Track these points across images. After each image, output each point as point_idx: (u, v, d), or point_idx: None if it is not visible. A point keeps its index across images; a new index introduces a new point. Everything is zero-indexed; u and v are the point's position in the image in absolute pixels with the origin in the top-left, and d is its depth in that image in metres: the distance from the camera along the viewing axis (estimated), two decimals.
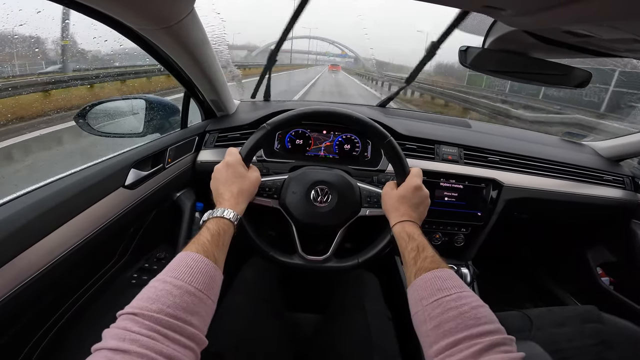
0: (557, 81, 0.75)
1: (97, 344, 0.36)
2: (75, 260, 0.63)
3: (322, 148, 1.13)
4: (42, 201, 0.59)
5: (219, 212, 0.61)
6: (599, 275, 1.36)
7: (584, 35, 0.52)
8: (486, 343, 0.41)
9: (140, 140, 0.93)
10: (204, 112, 1.15)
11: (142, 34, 0.67)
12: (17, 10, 0.70)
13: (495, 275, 1.42)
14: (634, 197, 1.24)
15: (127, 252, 0.89)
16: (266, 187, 0.79)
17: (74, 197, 0.64)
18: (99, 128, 0.96)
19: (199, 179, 1.06)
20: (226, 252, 0.58)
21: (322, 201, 0.79)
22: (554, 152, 1.23)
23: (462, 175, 1.08)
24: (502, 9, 0.48)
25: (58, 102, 3.04)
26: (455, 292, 0.49)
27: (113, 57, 2.76)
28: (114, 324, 0.39)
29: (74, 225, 0.63)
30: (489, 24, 0.69)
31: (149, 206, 0.89)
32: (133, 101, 1.06)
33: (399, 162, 0.75)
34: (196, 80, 0.93)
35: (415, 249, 0.60)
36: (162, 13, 0.60)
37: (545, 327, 0.85)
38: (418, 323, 0.51)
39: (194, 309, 0.44)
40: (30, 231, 0.55)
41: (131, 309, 0.40)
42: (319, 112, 0.78)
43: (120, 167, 0.77)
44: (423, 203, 0.71)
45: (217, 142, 1.10)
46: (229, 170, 0.68)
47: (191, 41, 0.74)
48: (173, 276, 0.45)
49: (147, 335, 0.37)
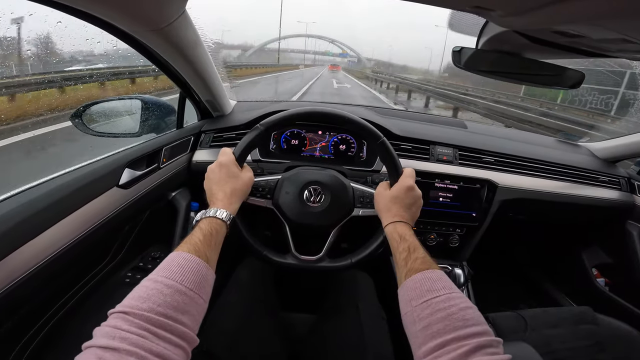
0: (551, 82, 0.75)
1: (88, 341, 0.37)
2: (68, 258, 0.63)
3: (317, 148, 1.13)
4: (34, 200, 0.59)
5: (212, 212, 0.61)
6: (595, 277, 1.36)
7: (574, 36, 0.52)
8: (473, 345, 0.41)
9: (136, 140, 0.93)
10: (200, 112, 1.16)
11: (134, 35, 0.67)
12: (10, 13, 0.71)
13: (491, 275, 1.42)
14: (630, 198, 1.24)
15: (122, 251, 0.90)
16: (259, 187, 0.79)
17: (67, 196, 0.64)
18: (94, 128, 0.97)
19: (194, 179, 1.07)
20: (219, 252, 0.58)
21: (315, 201, 0.79)
22: (550, 152, 1.23)
23: (456, 175, 1.08)
24: (491, 9, 0.49)
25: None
26: (445, 294, 0.49)
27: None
28: (105, 322, 0.39)
29: (67, 224, 0.63)
30: (482, 24, 0.69)
31: (144, 206, 0.89)
32: (129, 101, 1.07)
33: (391, 162, 0.75)
34: (191, 80, 0.93)
35: (407, 249, 0.60)
36: (153, 15, 0.61)
37: (539, 328, 0.85)
38: (408, 324, 0.51)
39: (185, 308, 0.44)
40: (23, 230, 0.55)
41: (122, 307, 0.41)
42: (312, 112, 0.78)
43: (114, 167, 0.77)
44: (415, 204, 0.71)
45: (213, 142, 1.10)
46: (222, 170, 0.69)
47: (184, 43, 0.74)
48: (164, 275, 0.46)
49: (137, 333, 0.37)
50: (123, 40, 0.68)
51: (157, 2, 0.58)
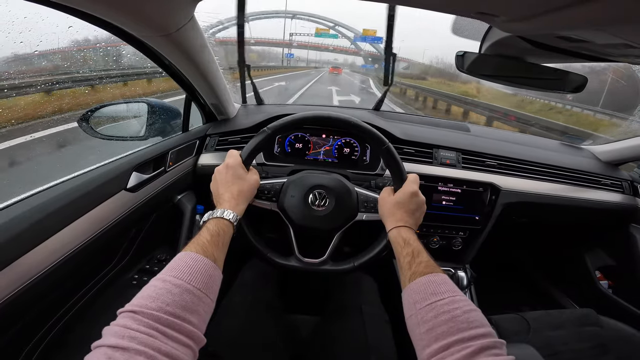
0: (553, 86, 0.76)
1: (97, 341, 0.37)
2: (77, 261, 0.64)
3: (321, 152, 1.13)
4: (45, 204, 0.60)
5: (219, 213, 0.62)
6: (598, 279, 1.36)
7: (577, 40, 0.53)
8: (477, 346, 0.41)
9: (143, 144, 0.94)
10: (205, 115, 1.17)
11: (143, 40, 0.68)
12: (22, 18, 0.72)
13: (494, 278, 1.42)
14: (633, 202, 1.24)
15: (129, 253, 0.90)
16: (265, 189, 0.80)
17: (76, 200, 0.65)
18: (101, 131, 0.98)
19: (199, 182, 1.08)
20: (225, 252, 0.59)
21: (320, 205, 0.79)
22: (553, 156, 1.24)
23: (460, 179, 1.08)
24: (495, 15, 0.49)
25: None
26: (449, 297, 0.49)
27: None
28: (114, 321, 0.40)
29: (77, 228, 0.64)
30: (484, 29, 0.70)
31: (150, 209, 0.90)
32: (135, 104, 1.08)
33: (396, 168, 0.76)
34: (197, 84, 0.94)
35: (410, 253, 0.60)
36: (162, 21, 0.62)
37: (542, 330, 0.86)
38: (412, 326, 0.51)
39: (193, 308, 0.44)
40: (34, 233, 0.56)
41: (131, 307, 0.41)
42: (318, 116, 0.79)
43: (122, 170, 0.78)
44: (419, 209, 0.72)
45: (218, 145, 1.11)
46: (229, 171, 0.69)
47: (191, 47, 0.75)
48: (173, 275, 0.46)
49: (146, 332, 0.38)
50: (132, 44, 0.69)
51: (167, 8, 0.59)
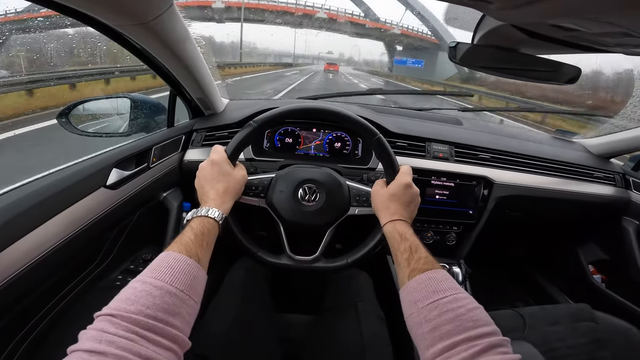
0: (547, 77, 0.75)
1: (73, 345, 0.35)
2: (55, 261, 0.62)
3: (312, 146, 1.11)
4: (18, 202, 0.57)
5: (204, 211, 0.60)
6: (591, 273, 1.36)
7: (572, 29, 0.51)
8: (484, 345, 0.41)
9: (125, 140, 0.91)
10: (191, 110, 1.13)
11: (119, 30, 0.64)
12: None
13: (488, 273, 1.42)
14: (625, 194, 1.24)
15: (111, 253, 0.87)
16: (253, 185, 0.78)
17: (52, 197, 0.62)
18: (81, 127, 0.94)
19: (186, 178, 1.04)
20: (211, 252, 0.57)
21: (310, 200, 0.77)
22: (545, 149, 1.23)
23: (453, 173, 1.07)
24: (488, 1, 0.47)
25: None
26: (451, 294, 0.48)
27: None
28: (91, 325, 0.38)
29: (53, 226, 0.61)
30: (477, 19, 0.68)
31: (133, 206, 0.87)
32: (117, 100, 1.04)
33: (388, 159, 0.74)
34: (181, 78, 0.91)
35: (408, 249, 0.59)
36: (138, 8, 0.58)
37: (538, 326, 0.85)
38: (413, 325, 0.50)
39: (176, 310, 0.43)
40: (8, 232, 0.54)
41: (109, 310, 0.39)
42: (306, 109, 0.77)
43: (101, 167, 0.75)
44: (413, 201, 0.70)
45: (205, 141, 1.08)
46: (214, 168, 0.67)
47: (172, 37, 0.71)
48: (153, 276, 0.44)
49: (125, 336, 0.36)
50: (108, 35, 0.65)
51: None
